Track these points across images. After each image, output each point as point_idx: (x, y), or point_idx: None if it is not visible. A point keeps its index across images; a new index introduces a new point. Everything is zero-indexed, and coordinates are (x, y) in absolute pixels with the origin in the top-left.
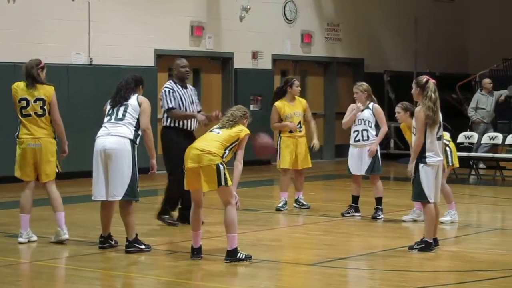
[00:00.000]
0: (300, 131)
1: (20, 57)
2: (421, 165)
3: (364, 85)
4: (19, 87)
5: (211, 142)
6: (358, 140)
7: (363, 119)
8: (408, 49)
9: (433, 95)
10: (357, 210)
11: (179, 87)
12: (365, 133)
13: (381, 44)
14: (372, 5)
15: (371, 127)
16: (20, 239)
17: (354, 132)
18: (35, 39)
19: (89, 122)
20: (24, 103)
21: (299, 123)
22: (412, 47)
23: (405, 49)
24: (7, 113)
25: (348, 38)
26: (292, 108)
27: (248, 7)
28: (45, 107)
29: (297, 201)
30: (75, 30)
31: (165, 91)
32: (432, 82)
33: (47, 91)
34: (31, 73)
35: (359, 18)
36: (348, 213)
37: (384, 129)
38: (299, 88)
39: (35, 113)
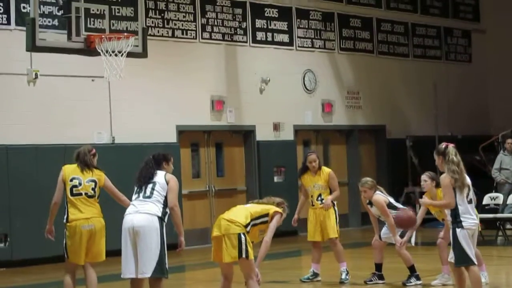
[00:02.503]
0: (321, 203)
1: (42, 139)
2: (458, 230)
3: (369, 181)
4: (71, 167)
5: (236, 213)
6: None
7: (378, 216)
8: (428, 113)
9: (454, 158)
10: (380, 277)
11: None
12: (386, 225)
13: (402, 110)
14: (390, 71)
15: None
16: None
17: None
18: (56, 121)
19: (114, 200)
20: (76, 182)
21: (319, 195)
22: (432, 111)
23: (426, 113)
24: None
25: (369, 105)
26: (313, 181)
27: (268, 79)
28: (96, 189)
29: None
30: (96, 109)
31: None
32: (451, 146)
33: (99, 174)
34: (84, 160)
35: (378, 84)
36: (371, 280)
37: (389, 220)
38: (313, 164)
39: (86, 193)
